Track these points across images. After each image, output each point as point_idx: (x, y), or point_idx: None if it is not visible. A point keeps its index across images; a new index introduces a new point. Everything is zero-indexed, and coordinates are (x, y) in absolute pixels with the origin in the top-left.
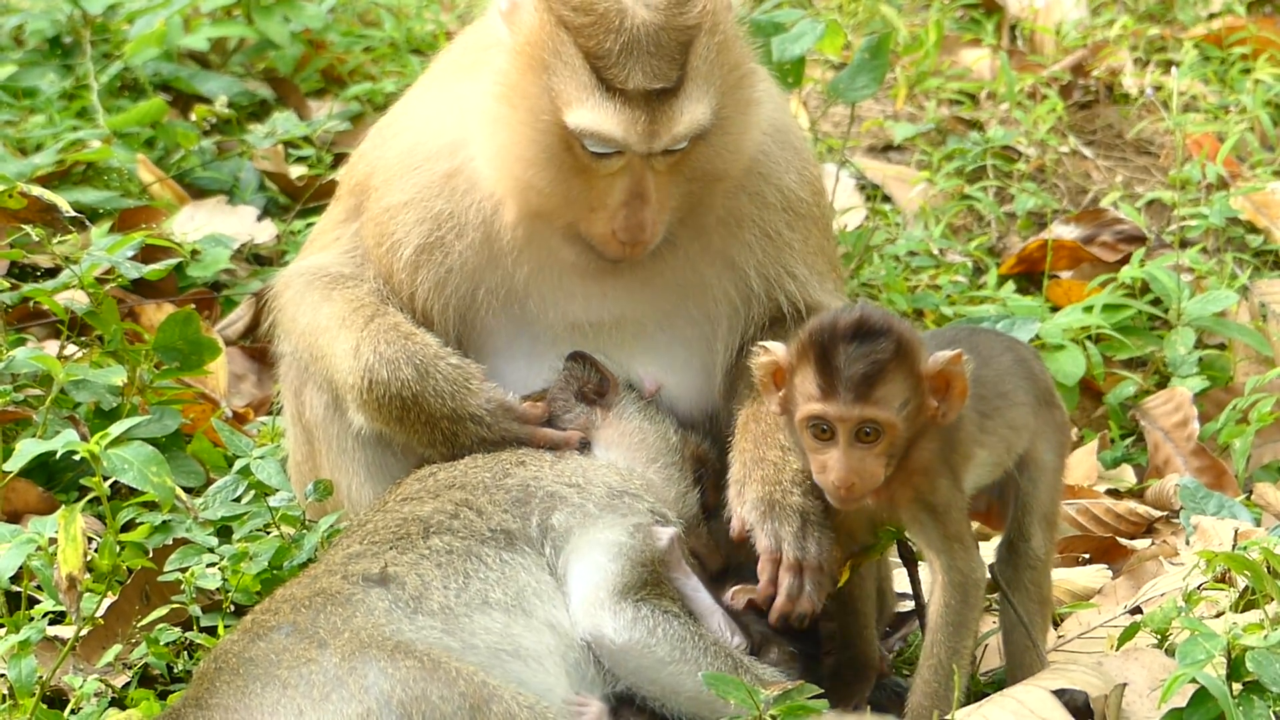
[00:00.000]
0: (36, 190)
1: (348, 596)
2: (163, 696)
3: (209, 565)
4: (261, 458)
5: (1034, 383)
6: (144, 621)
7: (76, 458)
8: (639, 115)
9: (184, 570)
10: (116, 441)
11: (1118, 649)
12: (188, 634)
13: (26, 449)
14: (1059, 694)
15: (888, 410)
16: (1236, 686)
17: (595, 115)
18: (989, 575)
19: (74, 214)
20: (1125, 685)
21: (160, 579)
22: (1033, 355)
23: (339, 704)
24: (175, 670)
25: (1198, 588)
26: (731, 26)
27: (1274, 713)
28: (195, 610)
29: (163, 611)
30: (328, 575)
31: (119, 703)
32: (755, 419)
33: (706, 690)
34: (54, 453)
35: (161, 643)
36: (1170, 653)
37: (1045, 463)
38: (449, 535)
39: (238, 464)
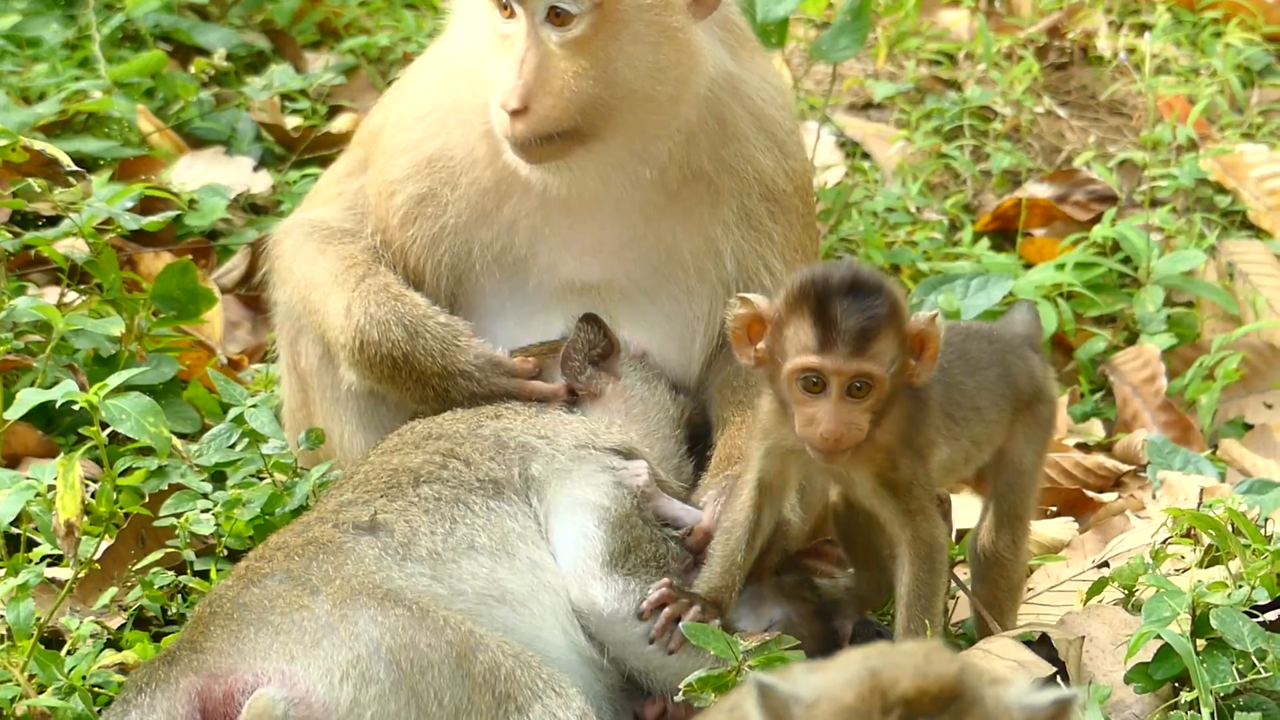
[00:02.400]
0: (39, 144)
1: (339, 544)
2: (157, 639)
3: (203, 511)
4: (255, 406)
5: (1016, 391)
6: (139, 565)
7: (75, 406)
8: None
9: (179, 516)
10: (115, 392)
11: (1084, 605)
12: (181, 578)
13: (26, 398)
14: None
15: (881, 365)
16: (1200, 643)
17: None
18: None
19: (75, 168)
20: (1084, 638)
21: (155, 524)
22: (1021, 356)
23: (329, 649)
24: (169, 613)
25: (1163, 543)
26: None
27: (1237, 669)
28: (189, 555)
29: (157, 556)
30: (320, 524)
31: (114, 644)
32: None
33: (693, 664)
34: (54, 400)
35: (156, 586)
36: (1136, 609)
37: (1024, 464)
38: (438, 484)
39: (232, 412)
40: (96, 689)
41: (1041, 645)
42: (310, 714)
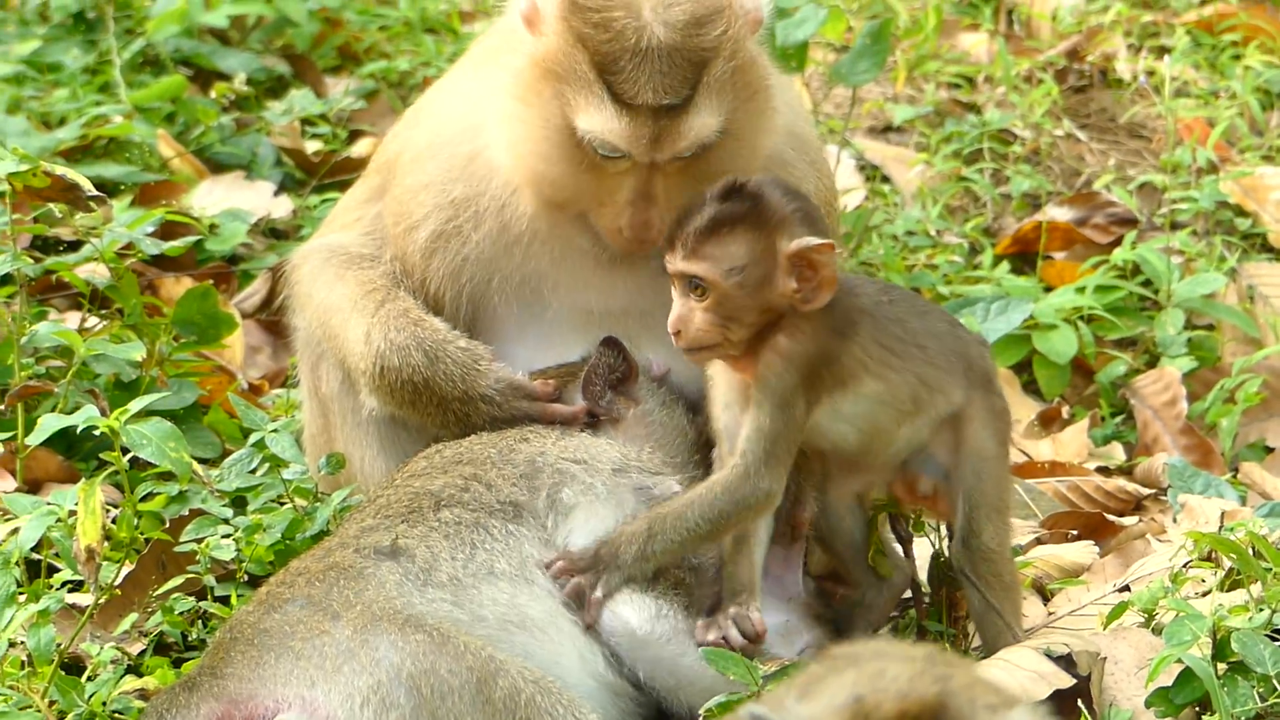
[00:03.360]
0: (59, 169)
1: (360, 570)
2: (177, 664)
3: (224, 536)
4: (276, 431)
5: (968, 363)
6: (160, 591)
7: (96, 432)
8: (645, 128)
9: (199, 541)
10: (135, 417)
11: (1105, 628)
12: (201, 603)
13: (47, 424)
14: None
15: (714, 270)
16: (1221, 667)
17: (603, 125)
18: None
19: (95, 193)
20: (1105, 659)
21: (176, 549)
22: (977, 343)
23: (350, 675)
24: (190, 639)
25: (1184, 566)
26: (751, 48)
27: (1258, 693)
28: (210, 580)
29: (178, 581)
30: (341, 549)
31: (135, 670)
32: None
33: (721, 684)
34: (75, 426)
35: (176, 612)
36: (1158, 632)
37: (986, 451)
38: (459, 508)
39: (253, 437)
40: (117, 715)
41: (1064, 663)
42: None
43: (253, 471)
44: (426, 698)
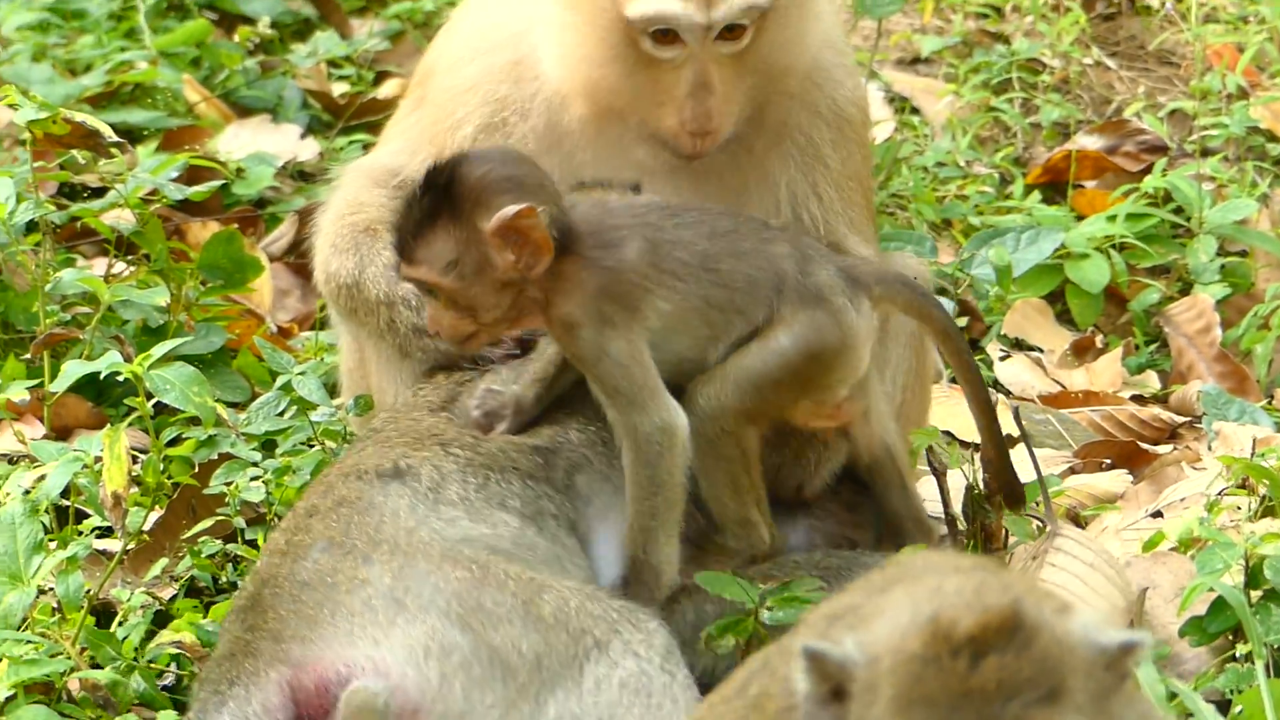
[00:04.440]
0: (79, 116)
1: (369, 500)
2: (208, 609)
3: (252, 479)
4: (303, 374)
5: (779, 279)
6: (189, 534)
7: (120, 378)
8: None
9: (229, 484)
10: (158, 362)
11: (1147, 552)
12: (229, 546)
13: (71, 370)
14: None
15: (430, 271)
16: (1255, 594)
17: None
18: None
19: (116, 139)
20: (1146, 590)
21: (205, 493)
22: (804, 262)
23: (404, 627)
24: (220, 582)
25: (1219, 494)
26: None
27: None
28: (240, 523)
29: (208, 524)
30: (343, 481)
31: (165, 614)
32: None
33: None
34: (100, 372)
35: (205, 555)
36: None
37: (772, 344)
38: (470, 451)
39: (280, 380)
40: (151, 665)
41: None
42: (408, 700)
43: (280, 414)
44: (480, 632)
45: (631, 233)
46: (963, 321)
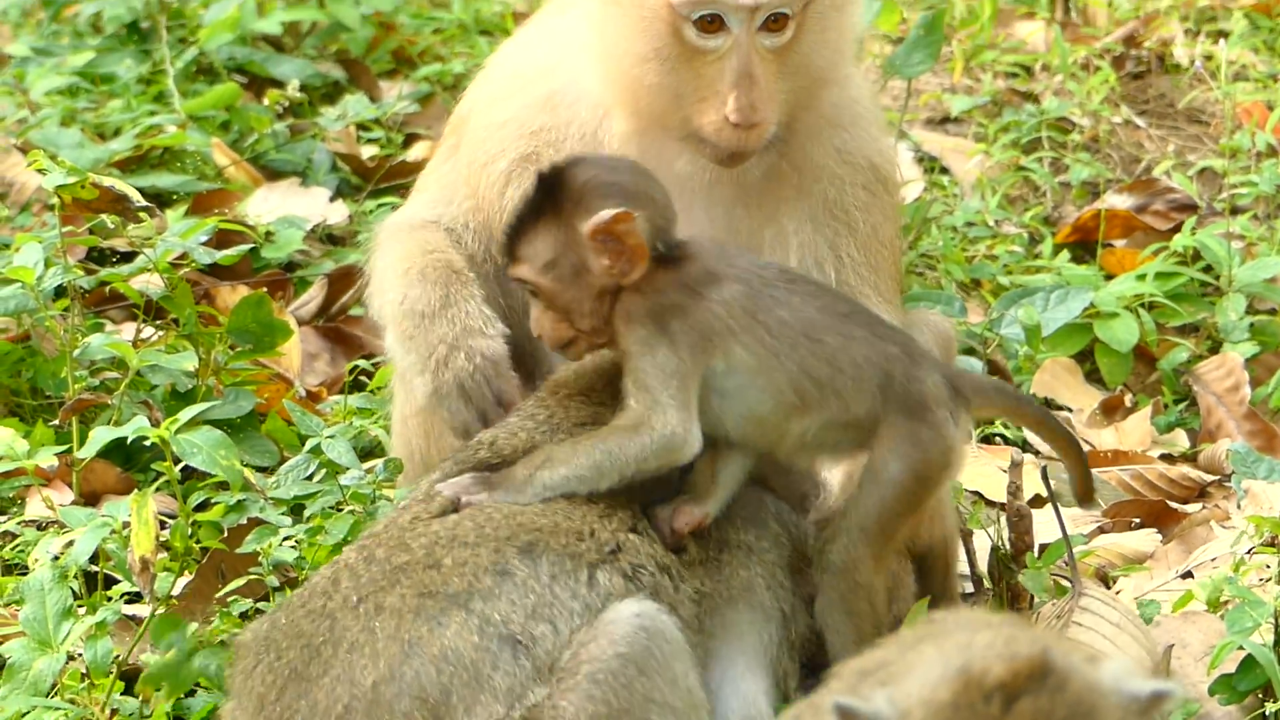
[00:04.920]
0: (108, 180)
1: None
2: None
3: (284, 539)
4: (332, 437)
5: (886, 379)
6: (220, 594)
7: (147, 443)
8: None
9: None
10: (186, 426)
11: (1175, 613)
12: (259, 604)
13: (99, 435)
14: None
15: (531, 269)
16: None
17: None
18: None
19: (144, 204)
20: (1172, 646)
21: (236, 553)
22: (912, 363)
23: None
24: None
25: (1247, 553)
26: None
27: None
28: (273, 581)
29: (239, 583)
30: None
31: None
32: None
33: None
34: (128, 437)
35: (234, 614)
36: (1224, 618)
37: (884, 475)
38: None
39: (309, 443)
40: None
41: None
42: None
43: (309, 478)
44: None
45: (738, 276)
46: None
